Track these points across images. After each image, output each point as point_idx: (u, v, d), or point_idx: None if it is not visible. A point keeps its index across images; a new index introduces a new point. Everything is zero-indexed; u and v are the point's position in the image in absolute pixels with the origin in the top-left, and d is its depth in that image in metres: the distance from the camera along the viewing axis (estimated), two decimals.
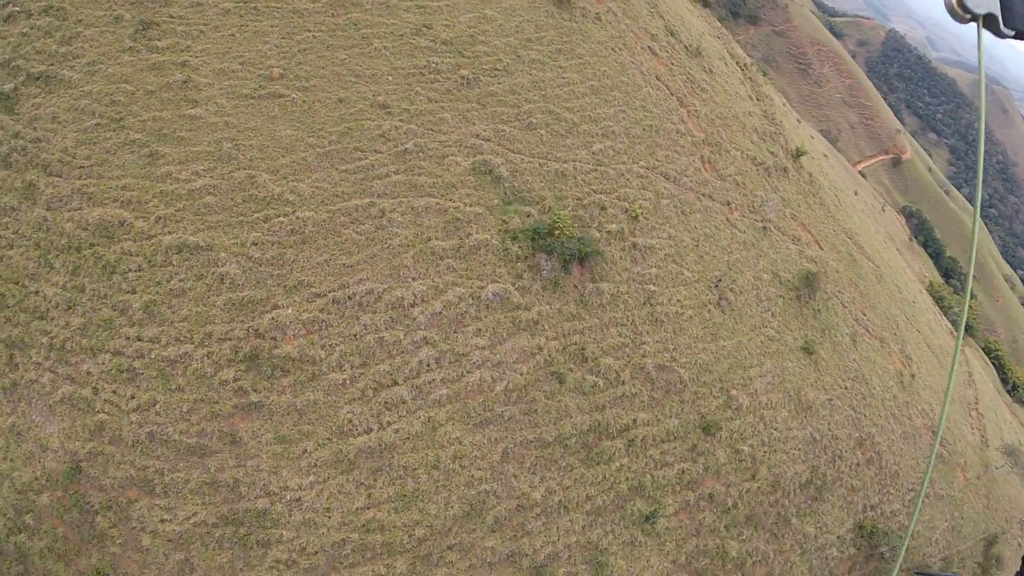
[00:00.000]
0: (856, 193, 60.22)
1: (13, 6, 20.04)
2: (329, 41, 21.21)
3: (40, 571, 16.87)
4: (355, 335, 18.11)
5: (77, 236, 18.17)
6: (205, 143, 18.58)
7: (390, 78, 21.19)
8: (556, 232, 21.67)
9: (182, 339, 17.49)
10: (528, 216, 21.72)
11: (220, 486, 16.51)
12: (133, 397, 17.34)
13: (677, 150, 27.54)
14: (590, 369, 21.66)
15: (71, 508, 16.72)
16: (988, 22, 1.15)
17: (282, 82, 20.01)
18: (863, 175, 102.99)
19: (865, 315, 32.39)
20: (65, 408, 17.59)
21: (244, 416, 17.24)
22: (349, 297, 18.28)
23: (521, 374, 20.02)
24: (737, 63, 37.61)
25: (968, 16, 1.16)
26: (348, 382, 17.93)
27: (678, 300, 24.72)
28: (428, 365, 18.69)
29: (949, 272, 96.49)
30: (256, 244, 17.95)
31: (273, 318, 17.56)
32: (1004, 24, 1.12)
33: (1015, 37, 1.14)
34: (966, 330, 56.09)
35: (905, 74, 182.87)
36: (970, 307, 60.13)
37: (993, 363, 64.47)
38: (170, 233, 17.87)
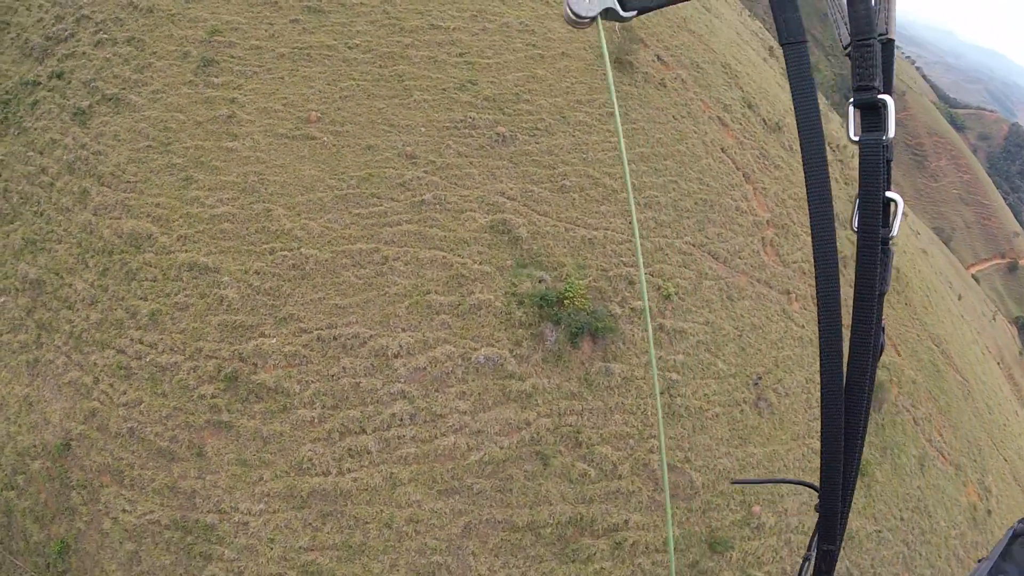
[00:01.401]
0: (960, 298, 56.74)
1: (103, 33, 25.00)
2: (371, 90, 24.48)
3: (20, 527, 20.68)
4: (332, 376, 20.38)
5: (111, 242, 22.12)
6: (234, 174, 22.17)
7: (423, 129, 24.00)
8: (566, 302, 22.89)
9: (175, 349, 20.69)
10: (540, 282, 23.28)
11: (178, 492, 19.54)
12: (124, 393, 21.01)
13: (733, 228, 28.21)
14: (582, 456, 22.42)
15: (55, 479, 20.49)
16: (609, 14, 1.27)
17: (318, 125, 23.43)
18: (975, 279, 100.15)
19: (941, 436, 30.75)
20: (70, 390, 21.52)
21: (213, 432, 20.01)
22: (334, 338, 20.69)
23: (501, 447, 21.25)
24: (828, 143, 37.45)
25: (587, 20, 1.26)
26: (316, 421, 20.13)
27: (704, 394, 25.11)
28: (401, 420, 20.50)
29: None
30: (258, 273, 20.95)
31: (258, 345, 20.32)
32: (624, 9, 1.26)
33: (639, 13, 1.28)
34: None
35: None
36: None
37: None
38: (186, 252, 21.33)
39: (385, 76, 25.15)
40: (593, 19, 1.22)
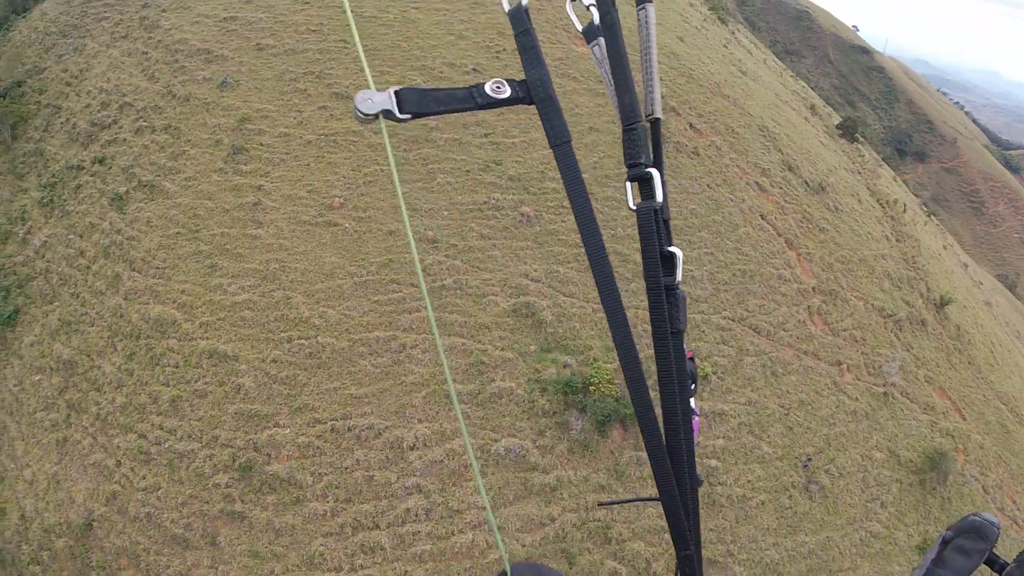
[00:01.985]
0: None
1: (143, 121, 26.05)
2: None
3: None
4: (346, 468, 19.99)
5: (139, 326, 22.62)
6: (257, 262, 22.43)
7: (446, 213, 23.85)
8: (592, 388, 21.98)
9: (193, 436, 20.85)
10: (565, 367, 22.42)
11: None
12: (144, 477, 21.25)
13: (776, 299, 26.89)
14: (612, 553, 21.29)
15: (77, 558, 20.75)
16: (388, 115, 1.38)
17: (341, 211, 23.64)
18: None
19: (1015, 503, 28.24)
20: (94, 471, 21.94)
21: (227, 522, 19.89)
22: (349, 428, 20.37)
23: (523, 545, 20.39)
24: (877, 200, 35.60)
25: (371, 116, 1.36)
26: (328, 514, 19.70)
27: (748, 481, 23.75)
28: (416, 515, 19.86)
29: None
30: (275, 361, 20.90)
31: (272, 435, 20.21)
32: (400, 111, 1.36)
33: (414, 117, 1.40)
34: None
35: None
36: None
37: None
38: (207, 339, 21.51)
39: (409, 160, 25.22)
40: (376, 117, 1.36)
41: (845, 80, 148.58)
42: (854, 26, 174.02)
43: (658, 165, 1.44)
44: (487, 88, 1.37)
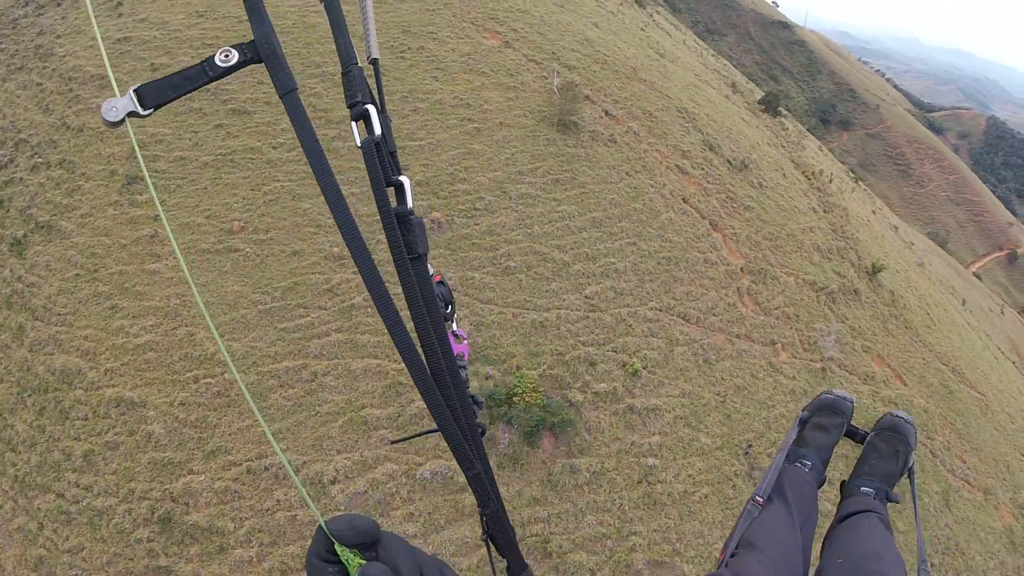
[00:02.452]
0: (964, 302, 52.87)
1: (38, 157, 24.37)
2: (296, 190, 23.15)
3: None
4: (267, 510, 19.07)
5: (45, 379, 21.30)
6: (157, 298, 21.11)
7: None
8: (516, 399, 21.14)
9: (110, 492, 19.70)
10: (488, 378, 21.51)
11: None
12: (67, 539, 20.04)
13: (704, 284, 25.95)
14: (554, 566, 20.59)
15: None
16: (133, 114, 1.35)
17: (241, 235, 22.21)
18: (978, 276, 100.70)
19: (964, 462, 27.77)
20: (19, 536, 20.74)
21: None
22: (265, 468, 19.39)
23: (460, 570, 19.52)
24: (803, 172, 34.57)
25: (119, 123, 1.31)
26: (255, 560, 18.84)
27: (688, 475, 23.01)
28: None
29: None
30: (183, 404, 19.79)
31: (187, 483, 19.17)
32: (143, 108, 1.33)
33: (156, 109, 1.35)
34: None
35: (1012, 161, 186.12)
36: None
37: None
38: (113, 386, 20.32)
39: (310, 173, 23.65)
40: (124, 121, 1.32)
41: (767, 56, 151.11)
42: (773, 2, 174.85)
43: (380, 102, 1.61)
44: (216, 60, 1.37)
